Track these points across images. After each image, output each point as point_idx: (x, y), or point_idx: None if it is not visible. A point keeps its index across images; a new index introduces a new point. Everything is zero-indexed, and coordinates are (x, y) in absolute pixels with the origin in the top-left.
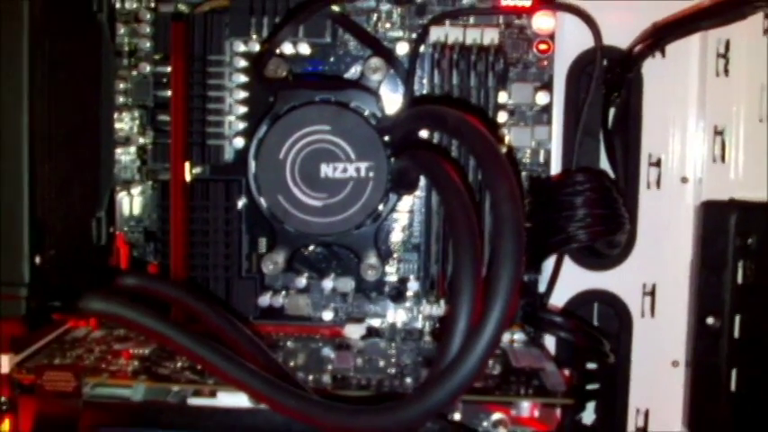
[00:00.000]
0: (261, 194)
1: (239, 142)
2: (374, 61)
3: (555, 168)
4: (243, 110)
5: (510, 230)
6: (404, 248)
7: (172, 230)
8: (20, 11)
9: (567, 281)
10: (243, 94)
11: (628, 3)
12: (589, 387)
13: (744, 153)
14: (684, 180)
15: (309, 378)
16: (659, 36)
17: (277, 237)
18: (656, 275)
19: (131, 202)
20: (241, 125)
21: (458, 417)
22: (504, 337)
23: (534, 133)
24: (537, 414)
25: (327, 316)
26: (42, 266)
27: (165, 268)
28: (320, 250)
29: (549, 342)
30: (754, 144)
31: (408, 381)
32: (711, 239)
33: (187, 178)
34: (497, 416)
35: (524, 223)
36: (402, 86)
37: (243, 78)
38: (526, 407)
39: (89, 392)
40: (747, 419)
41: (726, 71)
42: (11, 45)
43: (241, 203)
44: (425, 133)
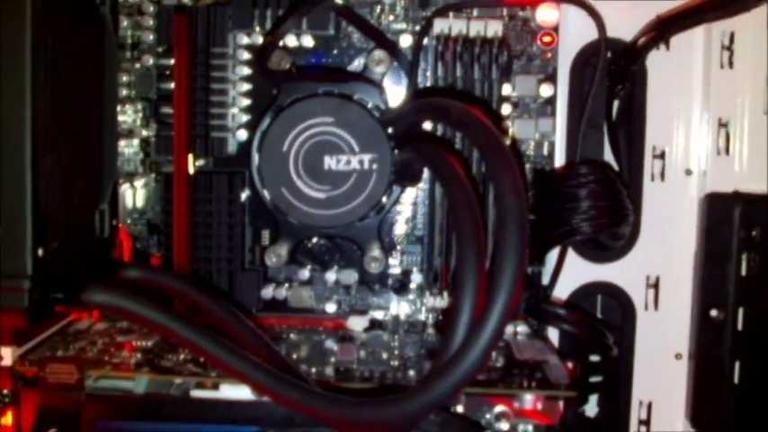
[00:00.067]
0: (264, 187)
1: (242, 135)
2: (377, 53)
3: (559, 161)
4: (246, 102)
5: (514, 222)
6: (407, 241)
7: (175, 223)
8: (23, 3)
9: (571, 273)
10: (246, 86)
11: None
12: (592, 379)
13: (748, 145)
14: (688, 172)
15: (312, 370)
16: (663, 28)
17: (280, 229)
18: (660, 268)
19: (134, 194)
20: (244, 117)
21: (461, 409)
22: (508, 329)
23: (538, 125)
24: (540, 406)
25: (330, 308)
26: (45, 259)
27: (169, 261)
28: (323, 242)
29: (553, 334)
30: (759, 136)
31: (411, 373)
32: (715, 232)
33: (190, 171)
34: (500, 408)
35: (528, 215)
36: (405, 79)
37: (246, 71)
38: (529, 399)
39: (92, 385)
40: (750, 412)
41: (730, 63)
42: (14, 38)
43: (244, 196)
44: (429, 125)
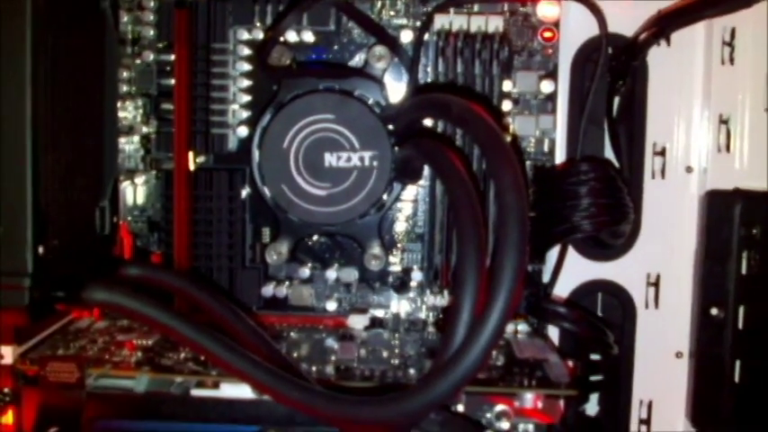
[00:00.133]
0: (264, 184)
1: (243, 131)
2: (378, 49)
3: (559, 157)
4: (246, 98)
5: (514, 220)
6: (408, 238)
7: (175, 220)
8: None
9: (571, 271)
10: (246, 82)
11: None
12: (593, 378)
13: (749, 142)
14: (689, 169)
15: (313, 369)
16: (664, 24)
17: (281, 226)
18: (661, 266)
19: (135, 191)
20: (245, 114)
21: (461, 408)
22: (508, 327)
23: (539, 122)
24: (540, 405)
25: (331, 306)
26: (45, 256)
27: (169, 258)
28: (324, 240)
29: (553, 333)
30: (760, 133)
31: (412, 372)
32: (716, 229)
33: (191, 167)
34: (501, 407)
35: (528, 213)
36: (406, 75)
37: (246, 67)
38: (529, 398)
39: (92, 383)
40: (751, 410)
41: (731, 60)
42: (14, 33)
43: (245, 193)
44: (430, 122)
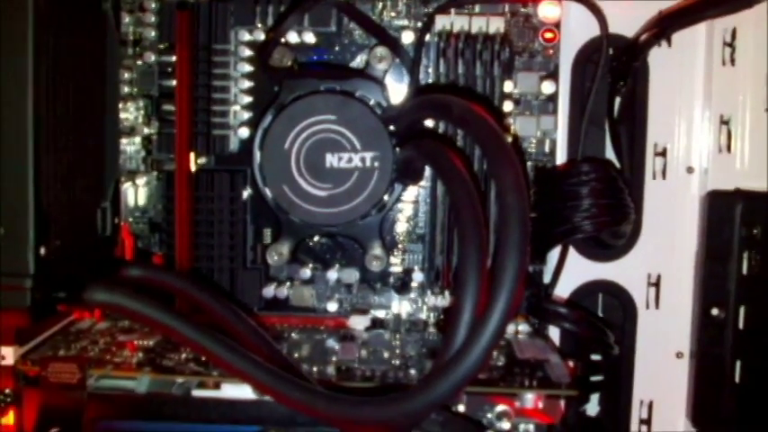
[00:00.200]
0: (266, 185)
1: (244, 132)
2: (379, 50)
3: (560, 158)
4: (248, 99)
5: (515, 220)
6: (409, 239)
7: (177, 221)
8: (25, 1)
9: (572, 271)
10: (248, 83)
11: None
12: (593, 378)
13: (749, 143)
14: (690, 170)
15: (314, 369)
16: (665, 25)
17: (282, 227)
18: (661, 266)
19: (136, 192)
20: (246, 115)
21: (462, 408)
22: (509, 328)
23: (540, 123)
24: (541, 405)
25: (332, 307)
26: (47, 257)
27: (170, 259)
28: (325, 241)
29: (554, 333)
30: (760, 134)
31: (413, 372)
32: (717, 230)
33: (192, 169)
34: (501, 407)
35: (530, 213)
36: (407, 76)
37: (248, 68)
38: (530, 398)
39: (93, 384)
40: (752, 411)
41: (732, 60)
42: (16, 34)
43: (246, 194)
44: (431, 123)
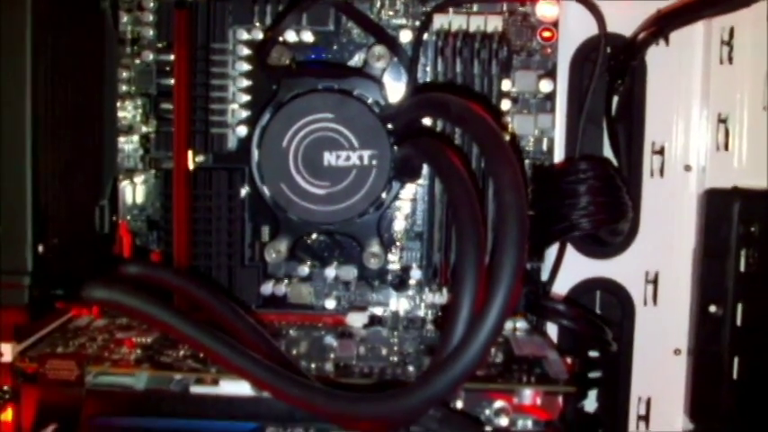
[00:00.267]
0: (264, 183)
1: (242, 130)
2: (377, 49)
3: (558, 156)
4: (246, 98)
5: (513, 218)
6: (407, 237)
7: (175, 219)
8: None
9: (570, 269)
10: (246, 82)
11: None
12: (591, 375)
13: (747, 141)
14: (688, 168)
15: (312, 366)
16: (663, 23)
17: (280, 225)
18: (659, 264)
19: (134, 190)
20: (244, 113)
21: (460, 404)
22: (507, 325)
23: (537, 121)
24: (539, 402)
25: (330, 304)
26: (45, 255)
27: (168, 257)
28: (323, 238)
29: (552, 330)
30: (758, 132)
31: (411, 369)
32: (714, 228)
33: (190, 167)
34: (500, 403)
35: (527, 211)
36: (405, 74)
37: (246, 66)
38: (528, 395)
39: (92, 381)
40: (749, 407)
41: (730, 59)
42: (14, 33)
43: (244, 192)
44: (429, 121)
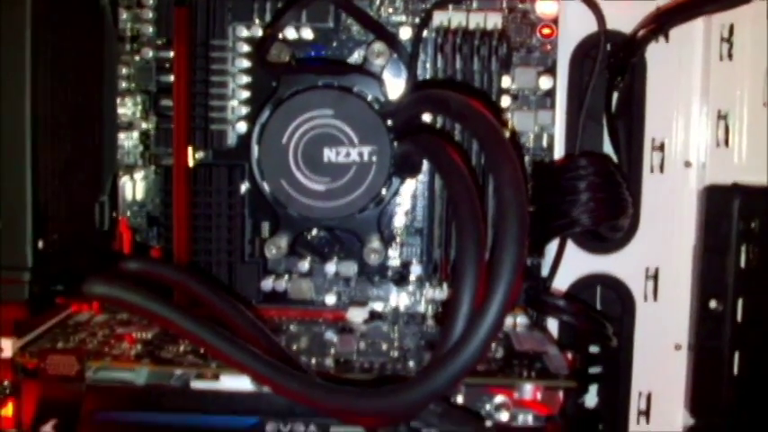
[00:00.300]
0: (264, 179)
1: (242, 127)
2: (377, 46)
3: (558, 153)
4: (246, 95)
5: (513, 214)
6: (407, 232)
7: (175, 215)
8: None
9: (571, 265)
10: (246, 78)
11: None
12: (592, 370)
13: (747, 137)
14: (688, 164)
15: (312, 361)
16: (663, 20)
17: (280, 221)
18: (659, 259)
19: (134, 186)
20: (244, 110)
21: (461, 399)
22: (507, 320)
23: (537, 117)
24: (540, 396)
25: (330, 300)
26: (45, 251)
27: (168, 253)
28: (323, 234)
29: (552, 326)
30: (758, 128)
31: (411, 364)
32: (714, 224)
33: (190, 163)
34: (500, 398)
35: (528, 207)
36: (405, 71)
37: (246, 63)
38: (529, 389)
39: (92, 376)
40: (750, 403)
41: (729, 55)
42: (14, 30)
43: (244, 188)
44: (429, 117)
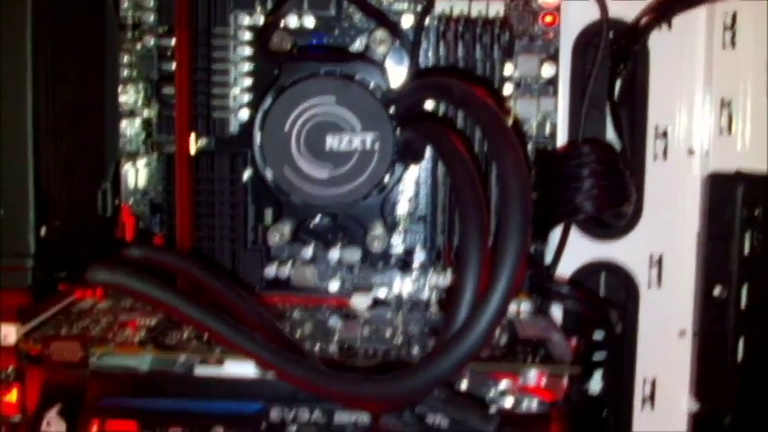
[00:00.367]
0: (266, 166)
1: (244, 114)
2: (379, 33)
3: (561, 140)
4: (248, 82)
5: (516, 201)
6: (410, 219)
7: (177, 202)
8: None
9: (574, 251)
10: (248, 66)
11: None
12: (596, 357)
13: (750, 125)
14: (691, 152)
15: (316, 348)
16: (665, 8)
17: (283, 208)
18: (663, 246)
19: (137, 174)
20: (246, 97)
21: (465, 386)
22: (511, 307)
23: (540, 105)
24: (544, 382)
25: (334, 287)
26: (48, 237)
27: (171, 240)
28: (326, 221)
29: (556, 312)
30: (761, 116)
31: (415, 350)
32: (718, 211)
33: (192, 151)
34: (504, 384)
35: (531, 194)
36: (407, 59)
37: (247, 51)
38: (533, 375)
39: (96, 362)
40: (754, 389)
41: (732, 43)
42: (15, 18)
43: (246, 175)
44: (431, 104)
